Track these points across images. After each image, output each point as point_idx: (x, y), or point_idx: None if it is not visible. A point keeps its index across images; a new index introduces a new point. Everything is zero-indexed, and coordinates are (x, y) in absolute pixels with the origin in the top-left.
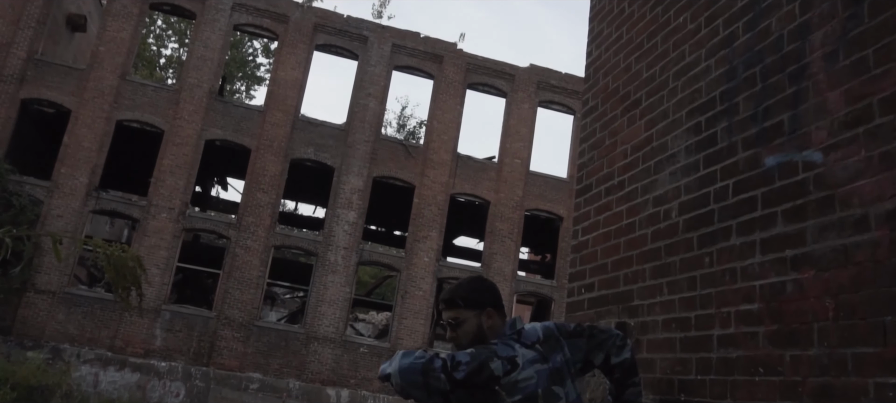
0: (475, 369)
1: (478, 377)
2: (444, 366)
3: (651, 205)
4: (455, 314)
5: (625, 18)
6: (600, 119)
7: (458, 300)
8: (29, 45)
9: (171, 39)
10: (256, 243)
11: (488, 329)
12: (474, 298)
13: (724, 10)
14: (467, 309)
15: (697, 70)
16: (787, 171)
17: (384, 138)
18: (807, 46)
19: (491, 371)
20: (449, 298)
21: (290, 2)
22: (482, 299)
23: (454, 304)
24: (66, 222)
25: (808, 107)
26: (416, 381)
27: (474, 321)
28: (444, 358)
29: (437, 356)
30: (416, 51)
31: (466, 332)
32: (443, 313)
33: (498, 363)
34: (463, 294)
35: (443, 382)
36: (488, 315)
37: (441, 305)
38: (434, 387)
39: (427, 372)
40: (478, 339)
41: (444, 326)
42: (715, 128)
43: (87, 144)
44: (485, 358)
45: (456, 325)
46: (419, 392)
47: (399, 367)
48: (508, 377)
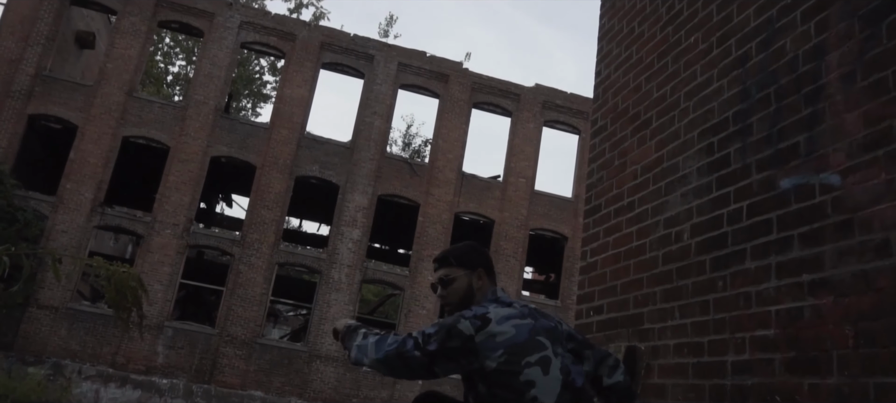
0: (444, 336)
1: (450, 342)
2: (416, 344)
3: (662, 227)
4: (447, 272)
5: (634, 38)
6: (610, 139)
7: (451, 258)
8: (37, 61)
9: (178, 57)
10: (260, 260)
11: (478, 290)
12: (467, 258)
13: (736, 30)
14: (459, 267)
15: (709, 90)
16: (804, 193)
17: (389, 156)
18: (823, 67)
19: (460, 331)
20: (442, 256)
21: (297, 20)
22: (474, 260)
23: (446, 262)
24: (71, 237)
25: (825, 128)
26: (396, 366)
27: (465, 279)
28: (415, 336)
29: (408, 336)
30: (422, 70)
31: (456, 290)
32: (434, 273)
33: (465, 322)
34: (456, 254)
35: (420, 359)
36: (479, 276)
37: (434, 264)
38: (415, 366)
39: (403, 356)
40: (466, 299)
41: (434, 286)
42: (728, 149)
43: (93, 160)
44: (451, 322)
45: (447, 283)
46: (404, 373)
47: (375, 360)
48: (482, 332)
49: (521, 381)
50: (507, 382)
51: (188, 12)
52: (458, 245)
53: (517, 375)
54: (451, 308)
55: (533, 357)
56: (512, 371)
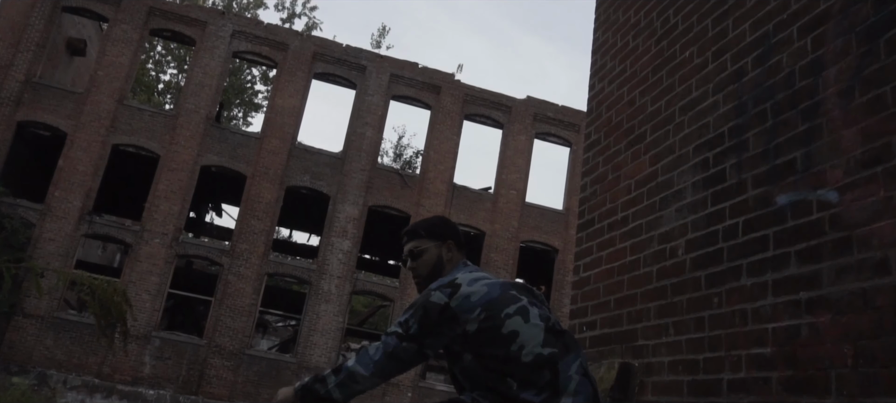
0: (421, 314)
1: (428, 317)
2: (399, 337)
3: (656, 242)
4: (417, 244)
5: (628, 52)
6: (603, 153)
7: (421, 230)
8: (27, 67)
9: (170, 65)
10: (249, 270)
11: (448, 262)
12: (436, 230)
13: (731, 45)
14: (429, 239)
15: (705, 105)
16: (801, 210)
17: (380, 167)
18: (820, 83)
19: (434, 303)
20: (411, 229)
21: (289, 30)
22: (444, 231)
23: (416, 234)
24: (58, 245)
25: (822, 144)
26: (391, 369)
27: (435, 251)
28: (394, 330)
29: (387, 336)
30: (414, 81)
31: (426, 262)
32: (404, 246)
33: (436, 293)
34: (426, 225)
35: (409, 347)
36: (448, 248)
37: (404, 238)
38: (408, 357)
39: (393, 355)
40: (437, 270)
41: (404, 259)
42: (723, 164)
43: (82, 168)
44: (423, 300)
45: (417, 255)
46: (399, 370)
47: (371, 376)
48: (456, 298)
49: (503, 334)
50: (491, 338)
51: (180, 21)
52: (427, 218)
53: (499, 329)
54: (421, 280)
55: (511, 309)
56: (493, 325)
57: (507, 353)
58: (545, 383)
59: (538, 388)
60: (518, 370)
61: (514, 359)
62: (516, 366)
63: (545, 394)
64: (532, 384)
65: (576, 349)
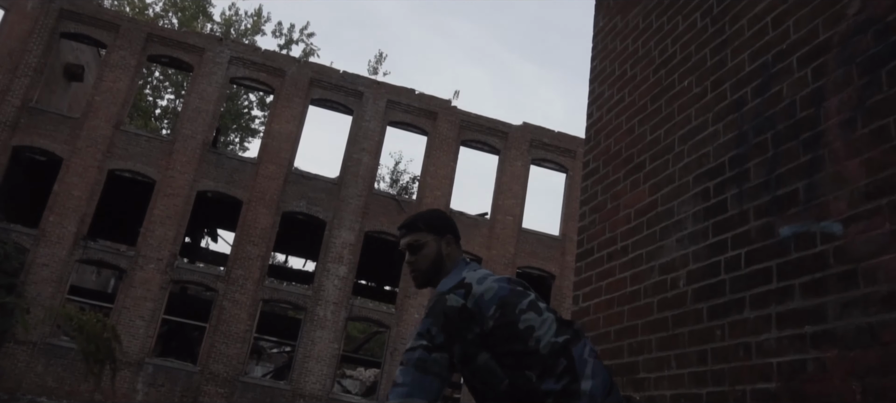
0: (442, 321)
1: (451, 323)
2: (426, 348)
3: (657, 272)
4: (416, 238)
5: (626, 81)
6: (602, 182)
7: (420, 223)
8: (24, 93)
9: (167, 90)
10: (245, 296)
11: (447, 256)
12: (435, 223)
13: (730, 74)
14: (428, 233)
15: (704, 135)
16: (804, 242)
17: (377, 193)
18: (821, 113)
19: (451, 307)
20: (410, 221)
21: (286, 56)
22: (443, 225)
23: (415, 227)
24: (52, 271)
25: (825, 175)
26: (427, 384)
27: (434, 245)
28: (419, 344)
29: (411, 351)
30: (411, 107)
31: (426, 256)
32: (402, 239)
33: (451, 296)
34: (425, 218)
35: (440, 359)
36: (448, 242)
37: (401, 230)
38: (440, 368)
39: (427, 370)
40: (436, 265)
41: (402, 252)
42: (724, 194)
43: (78, 193)
44: (438, 308)
45: (416, 248)
46: (438, 384)
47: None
48: (470, 298)
49: (520, 330)
50: (509, 334)
51: (178, 47)
52: (425, 211)
53: (516, 325)
54: (419, 274)
55: (523, 304)
56: (509, 321)
57: (525, 348)
58: (563, 370)
59: (557, 376)
60: (537, 361)
61: (533, 352)
62: (535, 358)
63: (564, 380)
64: (551, 373)
65: (582, 335)
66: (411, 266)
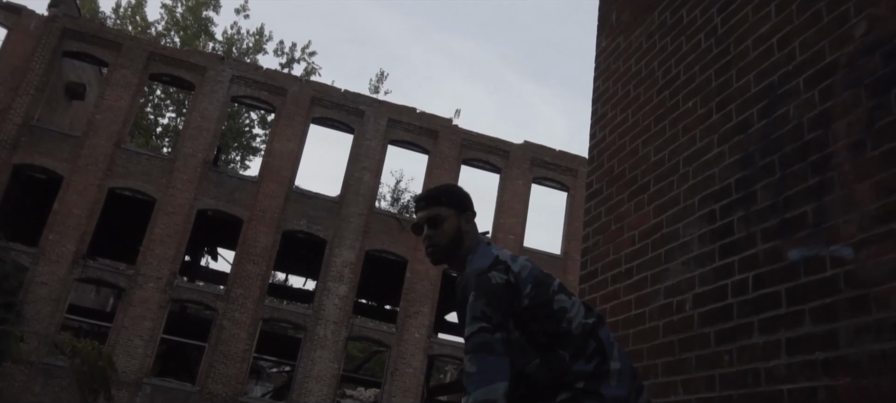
0: (495, 300)
1: (502, 301)
2: (486, 329)
3: (662, 296)
4: (437, 212)
5: (630, 101)
6: (606, 203)
7: (442, 197)
8: (26, 111)
9: (168, 108)
10: (244, 315)
11: (466, 234)
12: (457, 198)
13: (736, 95)
14: (450, 208)
15: (710, 156)
16: (814, 266)
17: (378, 212)
18: (829, 135)
19: (498, 284)
20: (432, 195)
21: (288, 75)
22: (464, 201)
23: (437, 201)
24: (50, 290)
25: (834, 198)
26: (505, 366)
27: (455, 221)
28: (478, 326)
29: (474, 336)
30: (412, 126)
31: (446, 232)
32: (421, 212)
33: (494, 274)
34: (447, 192)
35: (502, 336)
36: (467, 219)
37: (420, 203)
38: (506, 351)
39: (494, 351)
40: (455, 242)
41: (418, 226)
42: (731, 217)
43: (77, 212)
44: (487, 286)
45: (436, 223)
46: (505, 366)
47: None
48: (511, 273)
49: (555, 310)
50: (544, 313)
51: (180, 66)
52: (445, 185)
53: (550, 304)
54: (437, 250)
55: (555, 285)
56: (545, 301)
57: (558, 328)
58: (593, 351)
59: (587, 357)
60: (570, 342)
61: (566, 332)
62: (568, 339)
63: (595, 361)
64: (582, 353)
65: (604, 320)
66: (429, 241)
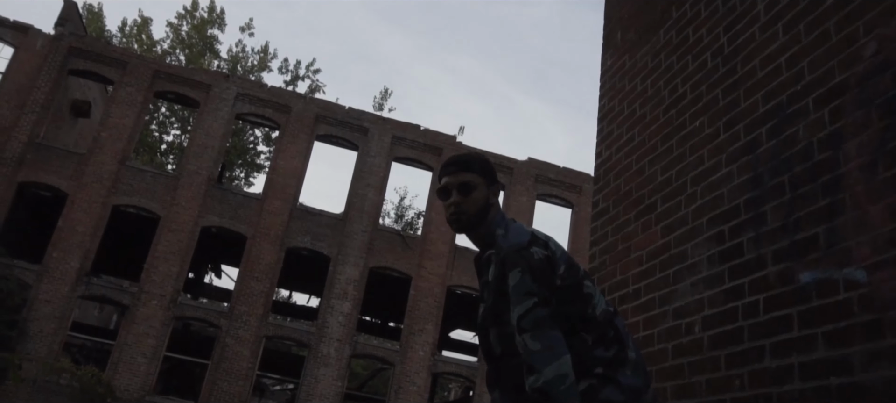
0: (540, 274)
1: (546, 276)
2: (539, 304)
3: (671, 317)
4: (469, 178)
5: (636, 120)
6: (612, 222)
7: (474, 163)
8: (31, 129)
9: (173, 126)
10: (248, 332)
11: (492, 206)
12: (489, 169)
13: (744, 115)
14: (481, 177)
15: (718, 176)
16: (827, 289)
17: (382, 229)
18: (840, 156)
19: (541, 260)
20: (464, 160)
21: (292, 93)
22: (494, 173)
23: (469, 166)
24: (54, 307)
25: (847, 220)
26: (562, 338)
27: (484, 191)
28: (534, 301)
29: (530, 312)
30: (416, 143)
31: (475, 200)
32: (451, 176)
33: (535, 249)
34: (480, 161)
35: (551, 313)
36: (494, 192)
37: (451, 167)
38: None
39: (552, 325)
40: (481, 213)
41: (446, 191)
42: (740, 238)
43: (82, 229)
44: (529, 262)
45: (467, 189)
46: (560, 338)
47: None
48: (548, 249)
49: (585, 294)
50: (574, 296)
51: (185, 83)
52: (475, 153)
53: (580, 286)
54: (464, 219)
55: (581, 270)
56: (574, 283)
57: (584, 311)
58: (612, 338)
59: (607, 344)
60: (594, 326)
61: (591, 318)
62: (593, 324)
63: (614, 348)
64: (603, 339)
65: (618, 311)
66: (456, 208)
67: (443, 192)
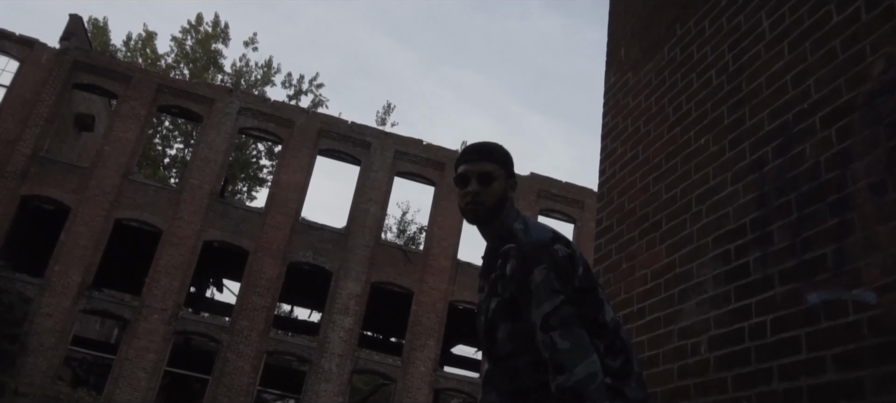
0: (564, 272)
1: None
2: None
3: (676, 337)
4: (491, 169)
5: (640, 138)
6: (616, 240)
7: (496, 154)
8: (35, 142)
9: (176, 139)
10: (249, 347)
11: (508, 200)
12: (509, 162)
13: (749, 133)
14: (502, 168)
15: (723, 194)
16: (836, 311)
17: (384, 243)
18: (848, 176)
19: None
20: (488, 149)
21: (295, 107)
22: (513, 167)
23: (491, 156)
24: (55, 321)
25: (855, 241)
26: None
27: (503, 184)
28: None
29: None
30: (419, 157)
31: (495, 192)
32: (471, 164)
33: (558, 247)
34: (501, 153)
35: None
36: (511, 186)
37: (472, 155)
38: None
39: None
40: (498, 206)
41: (465, 178)
42: (746, 257)
43: (84, 243)
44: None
45: (488, 179)
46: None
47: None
48: (570, 248)
49: (599, 298)
50: (590, 299)
51: (188, 98)
52: (496, 144)
53: (595, 291)
54: (481, 211)
55: (593, 277)
56: (592, 286)
57: (598, 317)
58: (618, 348)
59: (614, 353)
60: (606, 334)
61: (603, 325)
62: (605, 331)
63: (621, 358)
64: (612, 349)
65: None
66: (475, 197)
67: (461, 179)
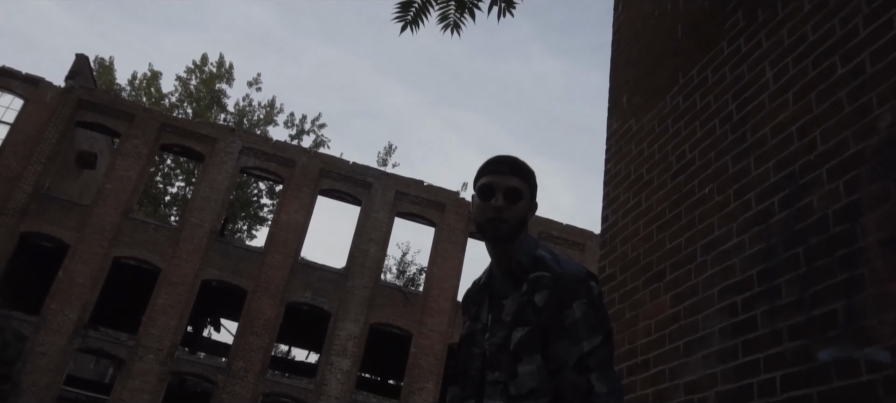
0: (603, 309)
1: (606, 313)
2: (606, 344)
3: (682, 392)
4: (520, 186)
5: (643, 185)
6: (620, 289)
7: (527, 173)
8: (36, 179)
9: (178, 178)
10: (245, 389)
11: (527, 224)
12: (535, 183)
13: (755, 183)
14: (529, 188)
15: (729, 245)
16: (847, 370)
17: (383, 284)
18: (858, 229)
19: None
20: (519, 165)
21: (297, 147)
22: (537, 190)
23: (522, 174)
24: (49, 360)
25: (867, 297)
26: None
27: (527, 204)
28: (600, 338)
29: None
30: (419, 198)
31: (519, 211)
32: (500, 176)
33: (593, 285)
34: (531, 173)
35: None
36: (532, 210)
37: (502, 166)
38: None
39: (614, 367)
40: (519, 227)
41: (491, 191)
42: (754, 311)
43: (81, 281)
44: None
45: (516, 197)
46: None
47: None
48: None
49: (613, 340)
50: None
51: (191, 137)
52: (525, 163)
53: (613, 334)
54: (503, 228)
55: None
56: (611, 329)
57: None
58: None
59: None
60: None
61: None
62: None
63: None
64: None
65: None
66: (500, 213)
67: (486, 190)
